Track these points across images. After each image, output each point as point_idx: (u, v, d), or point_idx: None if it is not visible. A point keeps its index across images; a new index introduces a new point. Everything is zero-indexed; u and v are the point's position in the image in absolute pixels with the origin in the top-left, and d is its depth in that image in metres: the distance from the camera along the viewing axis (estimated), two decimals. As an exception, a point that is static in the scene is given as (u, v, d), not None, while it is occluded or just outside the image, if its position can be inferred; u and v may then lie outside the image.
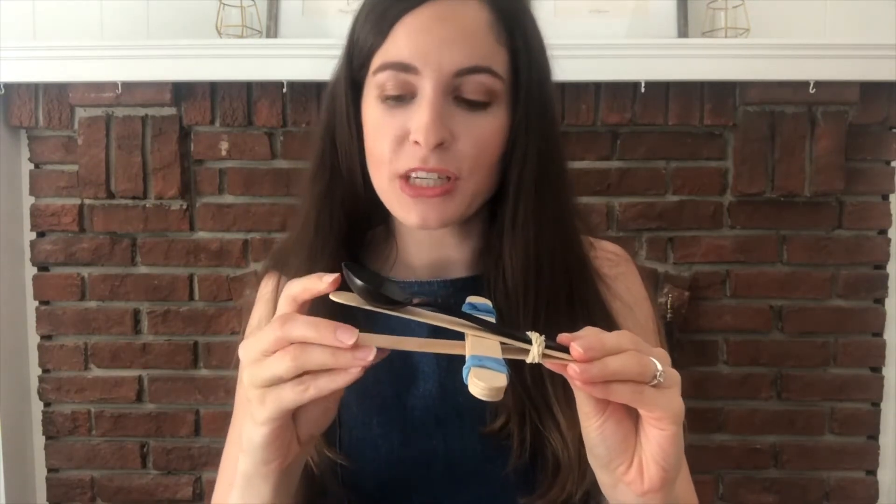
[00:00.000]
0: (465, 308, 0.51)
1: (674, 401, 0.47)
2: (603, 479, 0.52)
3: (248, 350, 0.50)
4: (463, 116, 0.63)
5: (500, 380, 0.44)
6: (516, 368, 0.66)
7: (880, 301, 1.65)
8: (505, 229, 0.67)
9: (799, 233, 1.63)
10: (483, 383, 0.44)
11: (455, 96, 0.63)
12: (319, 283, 0.50)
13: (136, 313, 1.68)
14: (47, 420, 1.71)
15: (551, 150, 0.68)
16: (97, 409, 1.70)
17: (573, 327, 0.49)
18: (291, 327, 0.48)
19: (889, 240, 1.64)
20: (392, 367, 0.70)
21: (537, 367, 0.65)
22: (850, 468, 1.67)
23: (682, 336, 1.63)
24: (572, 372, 0.45)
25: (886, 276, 1.64)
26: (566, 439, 0.65)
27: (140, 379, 1.69)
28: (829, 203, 1.62)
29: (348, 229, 0.70)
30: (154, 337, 1.68)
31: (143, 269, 1.67)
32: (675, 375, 0.48)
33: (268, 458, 0.52)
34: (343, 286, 0.50)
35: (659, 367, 0.47)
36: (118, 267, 1.67)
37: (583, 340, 0.46)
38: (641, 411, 0.47)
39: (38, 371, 1.71)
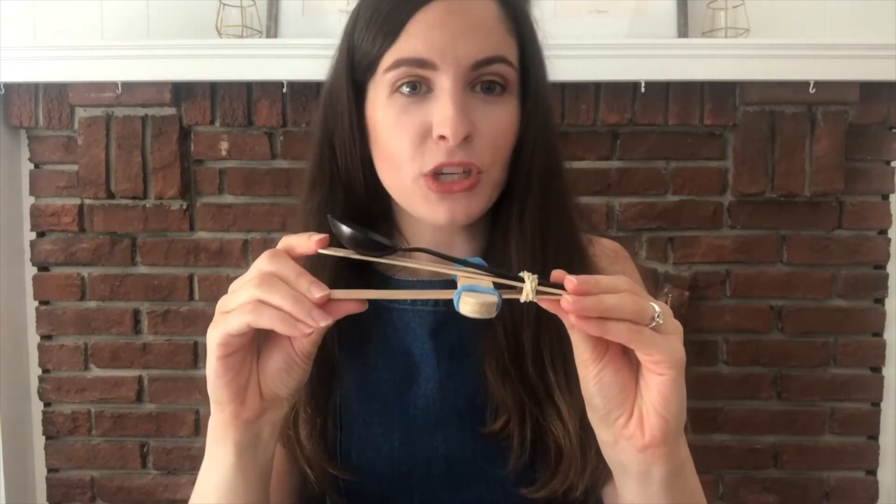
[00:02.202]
0: (456, 265, 0.51)
1: (673, 345, 0.46)
2: (603, 435, 0.51)
3: (235, 282, 0.50)
4: (482, 108, 0.63)
5: (491, 298, 0.44)
6: (516, 365, 0.66)
7: (880, 301, 1.65)
8: (512, 222, 0.67)
9: (799, 233, 1.63)
10: (473, 300, 0.43)
11: (472, 88, 0.63)
12: (308, 241, 0.50)
13: (136, 313, 1.68)
14: (47, 420, 1.71)
15: (554, 144, 0.69)
16: (97, 409, 1.70)
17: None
18: (276, 263, 0.48)
19: (889, 240, 1.64)
20: (393, 367, 0.71)
21: (539, 357, 0.66)
22: (850, 468, 1.67)
23: (682, 336, 1.62)
24: (565, 304, 0.45)
25: (886, 276, 1.64)
26: (567, 427, 0.65)
27: (140, 379, 1.69)
28: (829, 203, 1.62)
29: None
30: (154, 337, 1.68)
31: (143, 269, 1.67)
32: (677, 325, 0.48)
33: (220, 397, 0.51)
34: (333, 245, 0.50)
35: (657, 309, 0.46)
36: (118, 267, 1.67)
37: (578, 277, 0.45)
38: (639, 354, 0.46)
39: (38, 371, 1.71)
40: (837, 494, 1.67)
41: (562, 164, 0.71)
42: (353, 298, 0.48)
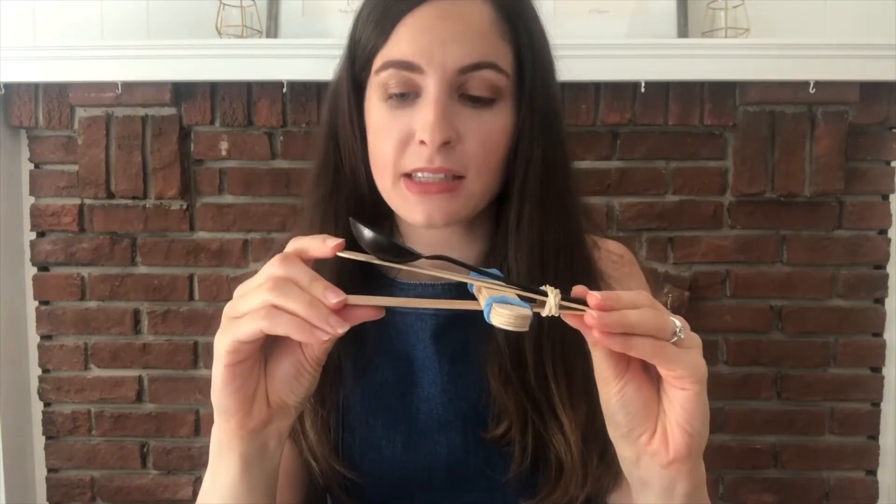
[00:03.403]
0: (472, 274, 0.50)
1: (696, 359, 0.46)
2: (624, 452, 0.50)
3: (242, 286, 0.49)
4: (469, 115, 0.62)
5: (525, 311, 0.42)
6: (518, 372, 0.66)
7: (880, 301, 1.65)
8: (510, 230, 0.67)
9: (799, 233, 1.63)
10: (507, 311, 0.42)
11: (460, 94, 0.62)
12: (323, 245, 0.47)
13: (136, 313, 1.68)
14: (47, 420, 1.71)
15: (556, 149, 0.68)
16: (97, 409, 1.70)
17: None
18: (289, 267, 0.46)
19: (889, 240, 1.64)
20: (396, 370, 0.70)
21: (541, 370, 0.65)
22: (850, 468, 1.67)
23: (682, 336, 1.62)
24: (589, 319, 0.44)
25: (886, 276, 1.64)
26: (569, 441, 0.65)
27: (140, 379, 1.69)
28: (829, 203, 1.62)
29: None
30: (154, 337, 1.68)
31: (143, 269, 1.67)
32: (697, 338, 0.48)
33: (227, 406, 0.49)
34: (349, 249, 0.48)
35: (678, 323, 0.46)
36: (118, 267, 1.67)
37: (600, 293, 0.45)
38: (662, 370, 0.46)
39: (38, 371, 1.71)
40: (837, 494, 1.67)
41: (567, 167, 0.70)
42: (371, 305, 0.47)
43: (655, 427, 0.48)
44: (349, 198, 0.69)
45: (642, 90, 1.54)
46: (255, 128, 1.62)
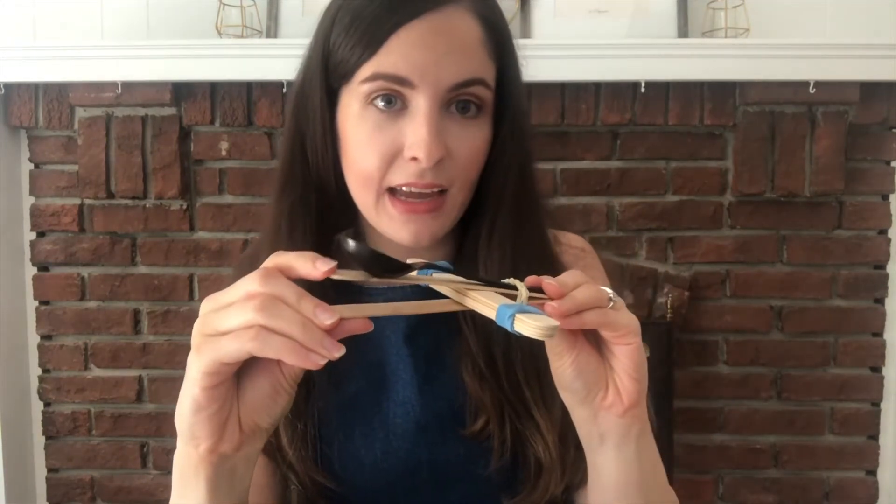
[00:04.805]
0: (420, 273, 0.51)
1: (631, 316, 0.51)
2: (581, 414, 0.54)
3: (213, 299, 0.45)
4: (456, 129, 0.62)
5: (552, 322, 0.44)
6: (492, 373, 0.67)
7: (880, 301, 1.65)
8: (481, 239, 0.68)
9: (799, 233, 1.63)
10: (536, 322, 0.43)
11: (447, 107, 0.62)
12: (313, 266, 0.44)
13: (136, 313, 1.68)
14: (47, 420, 1.71)
15: (528, 158, 0.70)
16: (97, 409, 1.70)
17: None
18: (274, 284, 0.43)
19: (889, 240, 1.64)
20: (370, 378, 0.70)
21: (513, 373, 0.66)
22: (850, 468, 1.67)
23: (682, 336, 1.63)
24: (550, 309, 0.47)
25: (886, 276, 1.64)
26: (547, 440, 0.66)
27: (140, 379, 1.69)
28: (829, 203, 1.62)
29: (321, 237, 0.67)
30: (154, 337, 1.68)
31: (143, 269, 1.67)
32: (620, 299, 0.52)
33: (199, 432, 0.45)
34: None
35: (609, 291, 0.51)
36: (118, 267, 1.67)
37: (553, 280, 0.49)
38: (607, 332, 0.50)
39: (38, 371, 1.71)
40: (837, 494, 1.67)
41: (536, 182, 0.72)
42: (362, 316, 0.45)
43: (608, 384, 0.52)
44: (318, 205, 0.68)
45: (642, 90, 1.54)
46: (255, 128, 1.62)
